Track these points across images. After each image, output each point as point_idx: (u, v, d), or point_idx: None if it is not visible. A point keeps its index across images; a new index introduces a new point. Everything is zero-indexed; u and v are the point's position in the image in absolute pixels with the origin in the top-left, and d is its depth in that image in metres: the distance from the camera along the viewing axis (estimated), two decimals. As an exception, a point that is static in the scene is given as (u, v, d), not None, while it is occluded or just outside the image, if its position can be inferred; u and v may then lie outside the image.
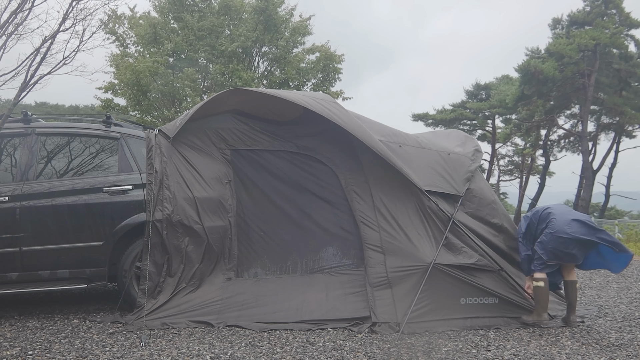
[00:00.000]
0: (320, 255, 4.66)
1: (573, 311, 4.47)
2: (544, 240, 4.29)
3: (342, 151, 4.78)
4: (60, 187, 4.63)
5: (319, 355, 3.54)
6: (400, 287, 4.33)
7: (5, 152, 4.81)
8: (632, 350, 3.80)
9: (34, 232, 4.48)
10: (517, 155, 31.98)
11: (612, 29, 21.31)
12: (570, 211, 4.47)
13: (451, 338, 3.98)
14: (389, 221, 4.53)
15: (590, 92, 21.09)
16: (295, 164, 4.81)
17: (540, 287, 4.28)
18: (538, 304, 4.31)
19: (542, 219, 4.40)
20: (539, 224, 4.41)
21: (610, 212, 30.39)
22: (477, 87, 30.20)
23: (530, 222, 4.49)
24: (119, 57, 16.25)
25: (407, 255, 4.41)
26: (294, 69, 17.26)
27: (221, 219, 4.62)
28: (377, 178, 4.64)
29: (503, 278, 4.46)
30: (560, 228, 4.23)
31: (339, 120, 4.48)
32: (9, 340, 3.84)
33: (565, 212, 4.41)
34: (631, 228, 16.52)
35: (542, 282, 4.28)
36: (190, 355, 3.51)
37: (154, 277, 4.38)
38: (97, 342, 3.80)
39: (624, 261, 4.40)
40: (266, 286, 4.54)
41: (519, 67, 22.26)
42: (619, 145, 25.68)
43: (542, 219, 4.40)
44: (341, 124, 4.47)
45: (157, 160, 4.52)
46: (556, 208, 4.46)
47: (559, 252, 4.25)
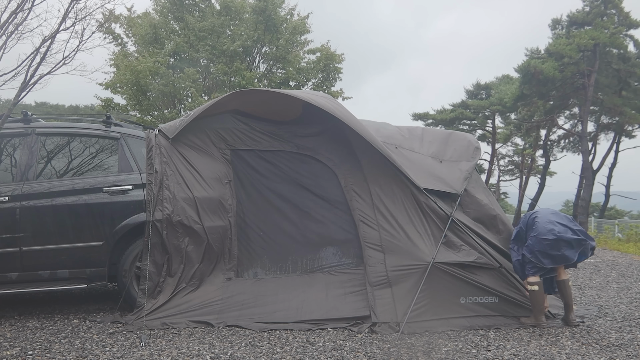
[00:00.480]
0: (320, 254, 4.67)
1: (571, 310, 4.48)
2: (530, 244, 4.33)
3: (341, 151, 4.80)
4: (60, 187, 4.63)
5: (319, 355, 3.54)
6: (400, 286, 4.34)
7: (5, 152, 4.81)
8: (632, 350, 3.80)
9: (34, 232, 4.48)
10: (517, 155, 31.98)
11: (612, 29, 21.28)
12: (554, 214, 4.50)
13: (451, 338, 3.98)
14: (389, 220, 4.54)
15: (590, 92, 21.07)
16: (295, 164, 4.82)
17: (535, 291, 4.31)
18: (535, 308, 4.35)
19: (529, 225, 4.45)
20: (527, 230, 4.45)
21: (610, 212, 30.39)
22: (477, 87, 30.20)
23: (520, 229, 4.53)
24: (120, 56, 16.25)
25: (406, 254, 4.42)
26: (294, 69, 17.27)
27: (221, 219, 4.62)
28: (376, 177, 4.65)
29: (503, 275, 4.47)
30: (543, 230, 4.27)
31: (341, 116, 4.51)
32: (9, 340, 3.84)
33: (549, 214, 4.45)
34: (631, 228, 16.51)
35: (537, 285, 4.31)
36: (190, 355, 3.51)
37: (154, 277, 4.38)
38: (97, 342, 3.80)
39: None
40: (266, 286, 4.54)
41: (518, 68, 22.24)
42: (619, 145, 25.68)
43: (529, 225, 4.45)
44: (343, 119, 4.50)
45: (157, 160, 4.52)
46: (541, 212, 4.51)
47: (548, 254, 4.26)
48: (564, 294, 4.49)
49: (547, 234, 4.25)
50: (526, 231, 4.46)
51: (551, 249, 4.24)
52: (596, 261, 9.09)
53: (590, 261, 9.07)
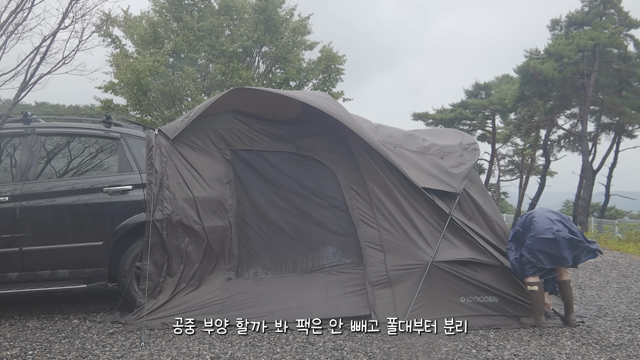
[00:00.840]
0: (320, 254, 4.67)
1: (571, 310, 4.49)
2: (529, 244, 4.31)
3: (340, 151, 4.80)
4: (60, 187, 4.63)
5: (319, 355, 3.54)
6: (400, 285, 4.34)
7: (5, 152, 4.81)
8: (632, 350, 3.80)
9: (34, 232, 4.47)
10: (517, 155, 31.98)
11: (611, 29, 21.28)
12: (553, 213, 4.49)
13: (451, 338, 3.98)
14: (388, 219, 4.54)
15: (589, 92, 21.07)
16: (295, 164, 4.82)
17: (535, 291, 4.31)
18: (535, 308, 4.35)
19: (527, 225, 4.43)
20: (525, 231, 4.44)
21: (610, 212, 30.38)
22: (476, 87, 30.20)
23: (517, 231, 4.51)
24: (120, 56, 16.25)
25: (407, 253, 4.42)
26: (294, 69, 17.26)
27: (221, 219, 4.62)
28: (374, 176, 4.65)
29: (503, 274, 4.47)
30: (542, 229, 4.25)
31: (338, 116, 4.52)
32: (9, 340, 3.84)
33: (547, 213, 4.44)
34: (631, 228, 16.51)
35: (536, 286, 4.30)
36: (190, 355, 3.51)
37: (154, 277, 4.38)
38: (97, 342, 3.80)
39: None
40: (266, 286, 4.54)
41: (518, 68, 22.24)
42: (619, 145, 25.68)
43: (527, 225, 4.43)
44: (340, 119, 4.50)
45: (157, 160, 4.52)
46: (538, 212, 4.50)
47: (547, 253, 4.24)
48: (565, 294, 4.49)
49: (545, 232, 4.23)
50: (524, 232, 4.45)
51: (550, 248, 4.23)
52: (596, 261, 9.09)
53: (590, 261, 9.07)
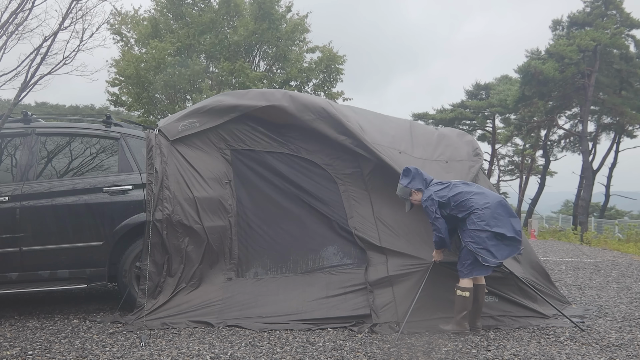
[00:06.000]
0: (321, 254, 4.66)
1: (479, 317, 4.19)
2: (481, 237, 3.89)
3: (341, 156, 4.77)
4: (60, 187, 4.63)
5: (319, 355, 3.54)
6: (401, 286, 4.34)
7: (6, 152, 4.81)
8: (632, 350, 3.80)
9: (34, 232, 4.48)
10: (517, 156, 31.98)
11: (613, 29, 21.26)
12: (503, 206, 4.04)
13: (451, 338, 3.98)
14: (388, 221, 4.55)
15: (590, 93, 21.05)
16: (294, 166, 4.80)
17: (465, 297, 3.99)
18: (458, 314, 4.04)
19: (461, 204, 3.99)
20: (459, 209, 4.00)
21: (610, 212, 30.36)
22: (476, 87, 30.19)
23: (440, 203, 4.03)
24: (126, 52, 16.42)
25: (408, 254, 4.42)
26: (295, 68, 17.27)
27: (221, 219, 4.62)
28: (376, 181, 4.67)
29: (503, 273, 4.46)
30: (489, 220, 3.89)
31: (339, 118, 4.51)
32: (9, 340, 3.84)
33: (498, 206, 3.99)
34: (631, 228, 16.51)
35: (468, 292, 3.99)
36: (190, 355, 3.51)
37: (154, 277, 4.38)
38: (97, 342, 3.80)
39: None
40: (266, 286, 4.54)
41: (519, 69, 22.24)
42: (619, 145, 25.69)
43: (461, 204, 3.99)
44: (340, 121, 4.49)
45: (157, 160, 4.52)
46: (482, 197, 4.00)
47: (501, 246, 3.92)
48: (478, 298, 4.13)
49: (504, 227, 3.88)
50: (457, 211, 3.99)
51: (497, 242, 3.91)
52: (596, 261, 9.10)
53: (590, 261, 9.07)
